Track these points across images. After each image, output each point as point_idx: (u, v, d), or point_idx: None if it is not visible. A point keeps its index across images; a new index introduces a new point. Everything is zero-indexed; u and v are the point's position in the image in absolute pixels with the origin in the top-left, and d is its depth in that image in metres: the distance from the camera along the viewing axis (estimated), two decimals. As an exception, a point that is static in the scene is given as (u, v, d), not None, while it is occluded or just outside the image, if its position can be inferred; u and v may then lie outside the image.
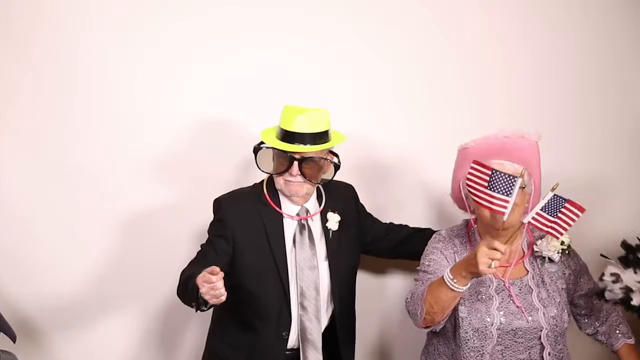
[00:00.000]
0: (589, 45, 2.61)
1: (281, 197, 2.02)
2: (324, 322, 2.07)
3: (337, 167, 2.01)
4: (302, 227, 2.02)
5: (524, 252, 1.99)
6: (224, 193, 2.08)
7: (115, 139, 2.36)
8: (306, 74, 2.47)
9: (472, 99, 2.57)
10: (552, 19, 2.61)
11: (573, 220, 1.77)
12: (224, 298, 1.67)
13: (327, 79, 2.48)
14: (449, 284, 1.72)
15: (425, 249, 2.01)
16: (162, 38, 2.36)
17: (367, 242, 2.20)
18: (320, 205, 2.07)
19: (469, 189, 1.84)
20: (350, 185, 2.20)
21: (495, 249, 1.66)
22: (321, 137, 1.95)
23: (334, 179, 2.04)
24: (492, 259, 1.65)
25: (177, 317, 2.38)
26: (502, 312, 1.88)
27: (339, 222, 2.06)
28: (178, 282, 1.89)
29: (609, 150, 2.61)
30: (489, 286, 1.92)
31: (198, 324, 2.39)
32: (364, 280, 2.41)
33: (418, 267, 1.99)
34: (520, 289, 1.93)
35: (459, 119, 2.55)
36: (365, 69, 2.51)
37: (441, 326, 1.89)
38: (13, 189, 2.31)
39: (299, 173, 1.93)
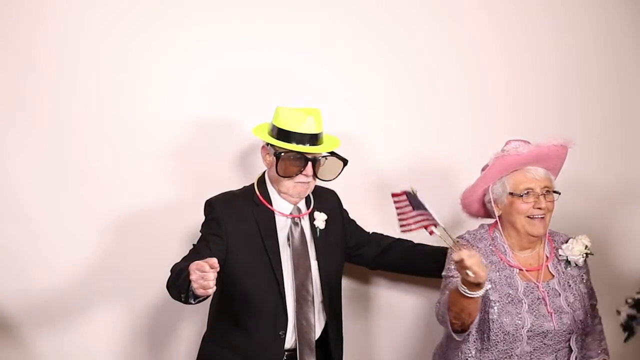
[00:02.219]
0: (589, 45, 2.61)
1: (273, 198, 2.04)
2: (320, 324, 2.07)
3: (345, 162, 2.03)
4: (296, 224, 2.04)
5: (546, 257, 2.00)
6: (216, 194, 2.07)
7: (114, 138, 2.35)
8: (305, 74, 2.47)
9: (472, 98, 2.56)
10: (553, 18, 2.61)
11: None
12: (211, 292, 1.66)
13: (328, 79, 2.48)
14: (462, 290, 1.71)
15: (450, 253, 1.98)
16: (162, 38, 2.36)
17: (351, 247, 2.22)
18: (308, 207, 2.09)
19: (403, 226, 1.80)
20: (333, 190, 2.22)
21: (458, 262, 1.63)
22: (321, 136, 1.99)
23: (317, 184, 2.08)
24: (465, 269, 1.63)
25: (167, 315, 2.36)
26: (533, 315, 1.88)
27: (326, 220, 2.08)
28: (169, 275, 1.89)
29: (609, 150, 2.60)
30: (517, 289, 1.92)
31: (188, 324, 2.38)
32: (348, 289, 2.40)
33: (444, 273, 1.98)
34: (548, 293, 1.93)
35: (459, 119, 2.54)
36: (365, 69, 2.50)
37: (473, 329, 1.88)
38: (12, 185, 2.30)
39: (312, 173, 1.95)
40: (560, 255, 2.00)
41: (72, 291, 2.32)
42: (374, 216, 2.45)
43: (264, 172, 2.09)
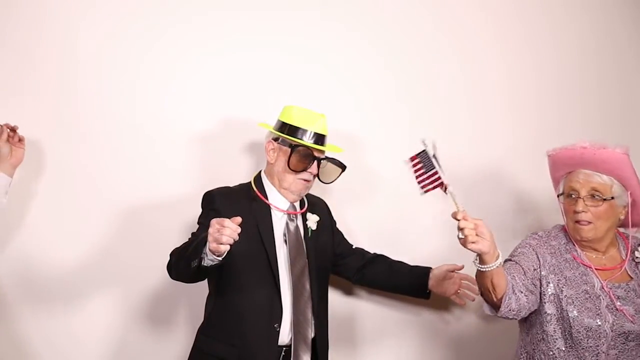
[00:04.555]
0: (589, 45, 2.62)
1: (270, 194, 2.08)
2: (314, 323, 2.07)
3: (344, 168, 2.11)
4: (291, 220, 2.08)
5: (622, 259, 1.99)
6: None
7: (115, 137, 2.33)
8: (304, 75, 2.47)
9: (473, 100, 2.57)
10: (553, 18, 2.62)
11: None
12: (223, 249, 1.67)
13: (327, 80, 2.48)
14: (474, 263, 1.76)
15: (518, 244, 2.02)
16: (163, 38, 2.37)
17: (337, 254, 2.26)
18: (301, 207, 2.14)
19: (423, 187, 1.79)
20: (323, 199, 2.29)
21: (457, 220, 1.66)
22: (326, 139, 2.08)
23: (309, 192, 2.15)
24: (460, 229, 1.66)
25: (164, 307, 2.35)
26: (612, 314, 1.86)
27: (317, 223, 2.13)
28: (169, 259, 1.90)
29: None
30: (594, 285, 1.91)
31: (185, 316, 2.37)
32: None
33: (506, 258, 1.99)
34: (627, 293, 1.91)
35: (460, 121, 2.55)
36: (364, 71, 2.51)
37: (519, 310, 1.86)
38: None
39: (316, 172, 2.04)
40: (636, 257, 1.98)
41: (69, 281, 2.28)
42: (369, 219, 2.46)
43: (260, 172, 2.13)
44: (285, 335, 1.98)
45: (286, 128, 2.03)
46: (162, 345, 2.35)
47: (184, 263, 1.79)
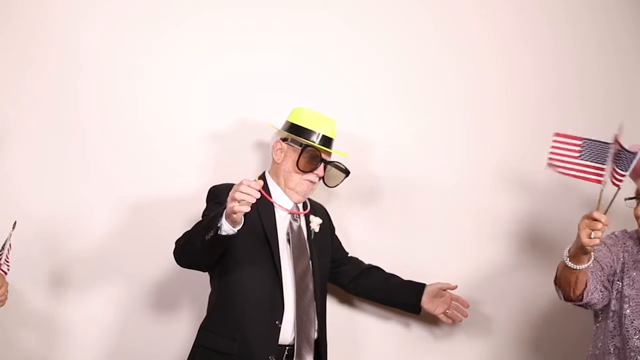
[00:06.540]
0: (590, 46, 2.62)
1: (274, 194, 2.09)
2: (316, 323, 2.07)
3: (348, 173, 2.15)
4: (295, 220, 2.10)
5: None
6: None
7: (118, 136, 2.34)
8: (310, 75, 2.48)
9: (472, 99, 2.55)
10: (552, 18, 2.62)
11: None
12: (236, 208, 1.67)
13: (332, 81, 2.49)
14: (565, 260, 1.78)
15: None
16: (164, 38, 2.38)
17: (334, 260, 2.26)
18: (304, 209, 2.17)
19: (554, 162, 1.74)
20: (323, 205, 2.32)
21: (595, 220, 1.65)
22: (333, 142, 2.11)
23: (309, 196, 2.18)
24: (593, 230, 1.65)
25: (166, 302, 2.36)
26: None
27: (320, 225, 2.15)
28: (176, 245, 1.91)
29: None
30: None
31: (188, 311, 2.37)
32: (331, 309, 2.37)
33: None
34: None
35: (459, 121, 2.54)
36: (366, 70, 2.51)
37: (596, 304, 1.92)
38: (18, 183, 2.28)
39: (322, 175, 2.06)
40: None
41: (71, 278, 2.29)
42: (371, 222, 2.47)
43: (264, 172, 2.15)
44: (287, 335, 1.97)
45: (294, 129, 2.06)
46: (164, 342, 2.34)
47: (198, 238, 1.79)
